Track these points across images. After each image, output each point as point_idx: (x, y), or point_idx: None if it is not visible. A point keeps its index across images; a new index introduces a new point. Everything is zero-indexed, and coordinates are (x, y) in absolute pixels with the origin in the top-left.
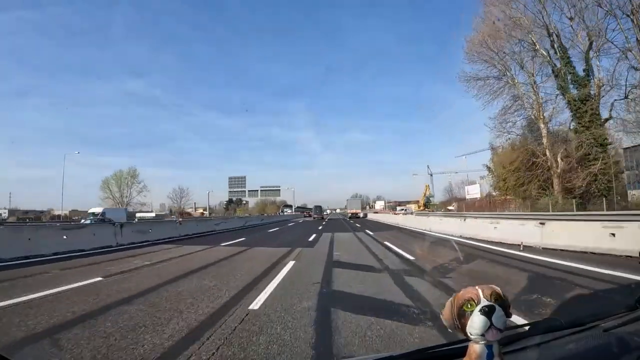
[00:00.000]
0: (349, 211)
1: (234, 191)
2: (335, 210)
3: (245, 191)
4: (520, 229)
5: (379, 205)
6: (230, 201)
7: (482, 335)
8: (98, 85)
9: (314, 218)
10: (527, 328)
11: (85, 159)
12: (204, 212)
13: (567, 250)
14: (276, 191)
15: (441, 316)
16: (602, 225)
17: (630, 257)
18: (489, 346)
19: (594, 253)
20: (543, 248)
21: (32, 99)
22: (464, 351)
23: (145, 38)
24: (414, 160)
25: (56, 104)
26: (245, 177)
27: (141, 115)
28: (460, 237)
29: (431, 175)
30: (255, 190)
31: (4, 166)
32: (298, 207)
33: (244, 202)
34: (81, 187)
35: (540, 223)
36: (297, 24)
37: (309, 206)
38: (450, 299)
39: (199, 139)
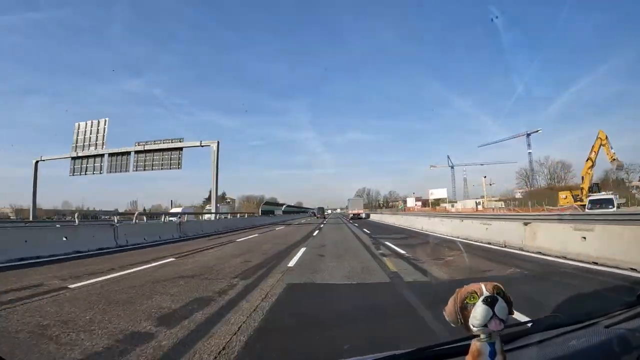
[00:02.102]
0: (350, 212)
1: (83, 157)
2: (335, 210)
3: (102, 156)
4: None
5: (412, 202)
6: (209, 198)
7: (485, 326)
8: (96, 84)
9: (317, 217)
10: (528, 325)
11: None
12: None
13: None
14: (171, 153)
15: (444, 312)
16: None
17: None
18: (491, 343)
19: None
20: None
21: (31, 98)
22: (466, 349)
23: (145, 37)
24: (417, 159)
25: (55, 103)
26: (105, 122)
27: (140, 115)
28: None
29: (452, 167)
30: (122, 154)
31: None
32: (288, 206)
33: (228, 200)
34: (80, 186)
35: None
36: (298, 24)
37: (306, 206)
38: (454, 295)
39: (197, 138)
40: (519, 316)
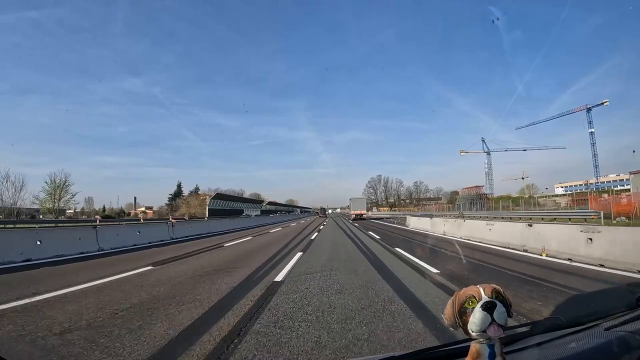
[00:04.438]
0: (352, 212)
1: None
2: (335, 209)
3: None
4: None
5: None
6: (177, 194)
7: (484, 331)
8: (96, 83)
9: (320, 216)
10: (528, 327)
11: (84, 158)
12: (147, 211)
13: None
14: None
15: (442, 315)
16: None
17: None
18: (490, 345)
19: None
20: None
21: (32, 97)
22: (465, 351)
23: (144, 36)
24: (418, 158)
25: (55, 102)
26: None
27: (140, 114)
28: None
29: (488, 153)
30: None
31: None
32: (271, 203)
33: (203, 197)
34: (81, 186)
35: None
36: (298, 23)
37: (303, 204)
38: (452, 297)
39: (198, 138)
40: (519, 319)
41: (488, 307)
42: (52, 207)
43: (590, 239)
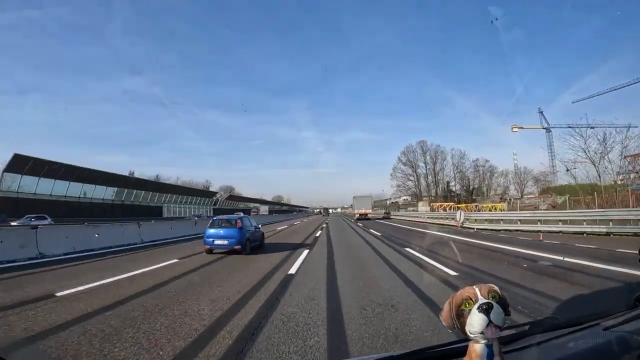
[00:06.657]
0: (355, 211)
1: None
2: (336, 209)
3: None
4: None
5: None
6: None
7: (482, 333)
8: (96, 83)
9: (323, 215)
10: (527, 327)
11: (84, 158)
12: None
13: None
14: None
15: (440, 317)
16: None
17: None
18: (489, 345)
19: None
20: None
21: (32, 97)
22: (464, 350)
23: (145, 36)
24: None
25: (54, 101)
26: None
27: (140, 114)
28: None
29: (548, 130)
30: None
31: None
32: (234, 197)
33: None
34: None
35: None
36: (298, 22)
37: (296, 203)
38: (448, 300)
39: (198, 137)
40: (518, 318)
41: (484, 309)
42: None
43: None
